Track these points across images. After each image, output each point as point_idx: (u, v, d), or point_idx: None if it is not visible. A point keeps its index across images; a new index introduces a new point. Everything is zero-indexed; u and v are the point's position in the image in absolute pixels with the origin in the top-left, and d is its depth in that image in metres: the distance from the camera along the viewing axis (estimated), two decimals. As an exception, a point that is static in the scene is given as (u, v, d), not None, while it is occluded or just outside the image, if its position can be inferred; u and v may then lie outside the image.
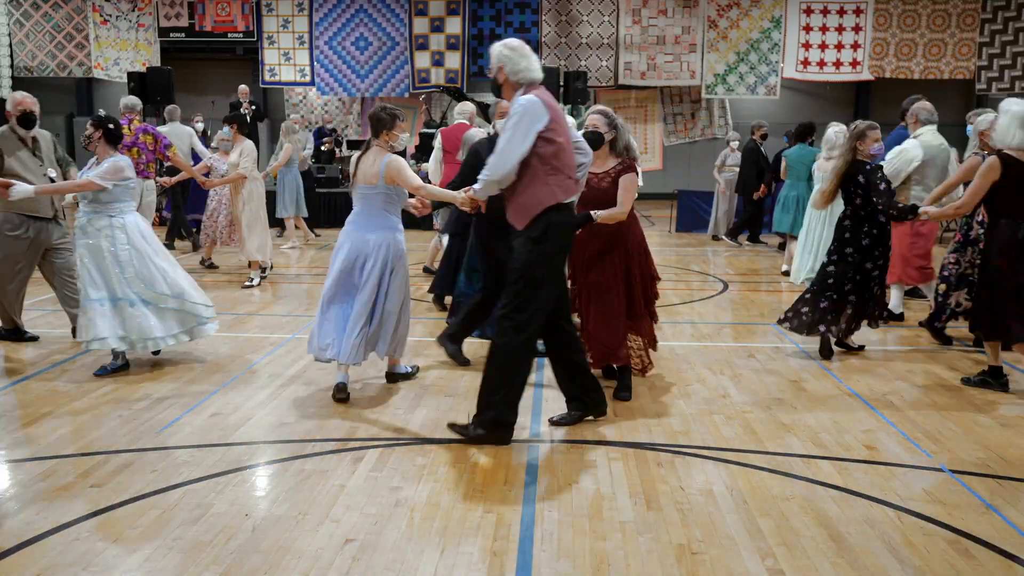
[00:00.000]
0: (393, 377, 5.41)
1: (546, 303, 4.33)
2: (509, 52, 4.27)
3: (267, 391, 5.22)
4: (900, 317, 7.30)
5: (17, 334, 6.32)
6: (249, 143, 8.61)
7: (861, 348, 6.29)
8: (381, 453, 4.20)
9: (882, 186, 5.63)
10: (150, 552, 3.19)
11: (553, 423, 4.62)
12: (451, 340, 5.82)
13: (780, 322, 6.12)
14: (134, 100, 9.24)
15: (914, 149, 6.90)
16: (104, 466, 4.01)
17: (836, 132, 8.00)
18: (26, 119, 5.96)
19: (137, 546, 3.24)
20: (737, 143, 12.78)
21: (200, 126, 12.79)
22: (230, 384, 5.37)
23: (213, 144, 9.99)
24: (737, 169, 12.37)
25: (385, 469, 4.00)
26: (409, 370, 5.51)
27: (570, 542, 3.30)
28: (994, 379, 5.36)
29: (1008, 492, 3.84)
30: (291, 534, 3.34)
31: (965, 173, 5.77)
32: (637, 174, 5.04)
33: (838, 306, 5.92)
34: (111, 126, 5.49)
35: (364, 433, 4.50)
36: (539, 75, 4.32)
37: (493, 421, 4.30)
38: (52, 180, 5.98)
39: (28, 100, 6.01)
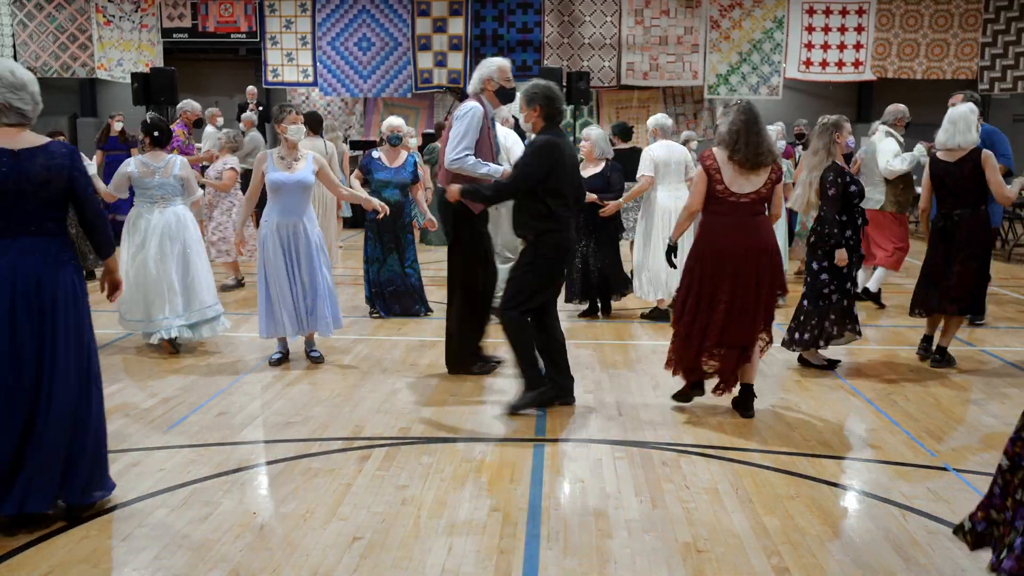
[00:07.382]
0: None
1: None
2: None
3: (273, 390, 5.24)
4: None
5: None
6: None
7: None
8: (387, 452, 4.22)
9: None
10: (159, 550, 3.21)
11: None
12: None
13: (787, 344, 5.71)
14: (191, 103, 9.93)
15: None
16: (112, 465, 3.99)
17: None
18: None
19: (146, 544, 3.26)
20: (696, 143, 12.56)
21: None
22: (236, 384, 5.38)
23: (248, 143, 10.29)
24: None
25: (391, 468, 4.02)
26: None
27: (576, 540, 3.32)
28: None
29: (1012, 491, 3.85)
30: (299, 532, 3.36)
31: None
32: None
33: (844, 307, 5.58)
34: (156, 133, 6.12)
35: (370, 432, 4.52)
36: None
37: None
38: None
39: None
